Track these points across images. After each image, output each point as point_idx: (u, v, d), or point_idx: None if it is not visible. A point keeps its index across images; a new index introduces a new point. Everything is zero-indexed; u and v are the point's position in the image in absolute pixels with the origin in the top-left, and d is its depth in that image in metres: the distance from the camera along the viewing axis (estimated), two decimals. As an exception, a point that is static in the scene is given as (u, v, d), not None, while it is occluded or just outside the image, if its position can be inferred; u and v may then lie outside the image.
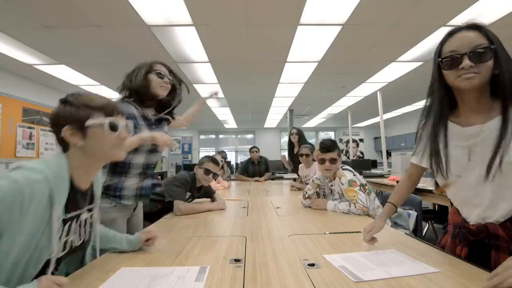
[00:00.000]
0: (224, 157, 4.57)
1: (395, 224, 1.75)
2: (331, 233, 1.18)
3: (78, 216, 0.82)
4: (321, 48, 3.99)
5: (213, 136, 12.02)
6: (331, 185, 1.87)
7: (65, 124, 0.75)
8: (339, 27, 3.37)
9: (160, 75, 1.43)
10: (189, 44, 3.79)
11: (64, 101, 0.78)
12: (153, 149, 1.47)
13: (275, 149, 11.27)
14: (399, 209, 1.78)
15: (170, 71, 1.51)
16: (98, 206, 0.91)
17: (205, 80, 5.49)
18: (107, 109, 0.80)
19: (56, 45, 3.62)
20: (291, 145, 3.78)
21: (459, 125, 0.86)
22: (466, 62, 0.76)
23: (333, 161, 1.80)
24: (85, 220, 0.85)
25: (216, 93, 1.95)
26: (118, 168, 1.38)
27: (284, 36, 3.61)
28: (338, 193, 1.81)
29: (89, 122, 0.76)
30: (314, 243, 1.04)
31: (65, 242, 0.77)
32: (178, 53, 4.12)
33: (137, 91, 1.39)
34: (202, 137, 11.83)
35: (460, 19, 3.19)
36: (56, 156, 0.76)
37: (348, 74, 5.10)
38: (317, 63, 4.59)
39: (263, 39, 3.68)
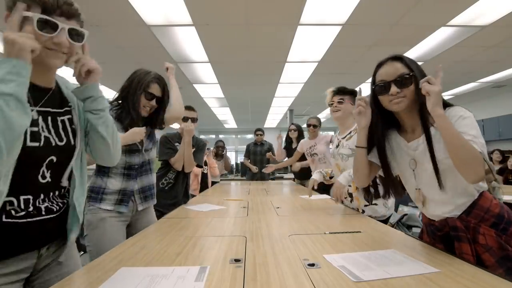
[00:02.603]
0: (221, 146, 4.57)
1: (408, 227, 1.74)
2: (331, 233, 1.18)
3: (47, 113, 0.78)
4: (321, 48, 3.99)
5: (213, 136, 12.03)
6: (343, 138, 1.81)
7: (7, 8, 0.68)
8: (339, 27, 3.37)
9: (148, 98, 1.46)
10: (189, 44, 3.79)
11: None
12: (134, 149, 1.47)
13: (275, 149, 11.27)
14: (408, 211, 1.77)
15: (164, 89, 1.51)
16: (77, 110, 0.87)
17: (205, 80, 5.49)
18: (45, 3, 0.68)
19: (56, 45, 3.62)
20: (288, 140, 3.77)
21: (405, 140, 1.03)
22: (393, 89, 0.95)
23: (341, 101, 1.80)
24: (63, 123, 0.82)
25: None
26: (101, 168, 1.40)
27: (284, 36, 3.61)
28: (351, 149, 1.71)
29: (17, 13, 0.65)
30: (314, 243, 1.04)
31: (38, 134, 0.74)
32: (178, 53, 4.12)
33: (127, 103, 1.44)
34: (202, 137, 11.82)
35: (460, 19, 3.19)
36: None
37: (348, 74, 5.10)
38: (317, 63, 4.59)
39: (263, 39, 3.68)
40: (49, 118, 0.79)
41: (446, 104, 0.92)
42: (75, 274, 0.77)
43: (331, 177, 1.95)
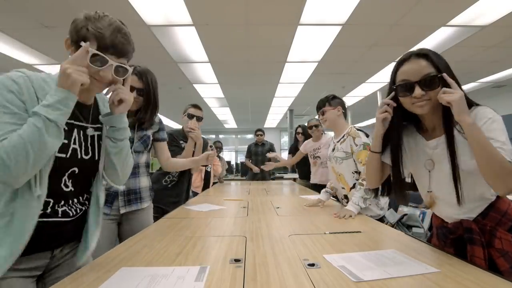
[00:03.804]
0: (219, 147, 4.58)
1: (408, 227, 1.74)
2: (331, 233, 1.18)
3: (80, 127, 0.85)
4: (321, 48, 3.99)
5: (213, 136, 12.03)
6: (337, 141, 1.84)
7: (70, 33, 0.79)
8: (339, 27, 3.37)
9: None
10: (189, 44, 3.79)
11: (87, 15, 0.80)
12: None
13: (275, 149, 11.28)
14: (408, 211, 1.77)
15: (147, 81, 1.44)
16: (105, 128, 0.92)
17: (205, 80, 5.49)
18: (101, 40, 0.77)
19: (56, 45, 3.62)
20: (295, 142, 3.76)
21: (424, 139, 0.96)
22: (418, 91, 0.83)
23: (322, 112, 1.91)
24: (93, 138, 0.88)
25: None
26: None
27: (284, 36, 3.61)
28: (344, 152, 1.75)
29: (82, 51, 0.73)
30: (314, 243, 1.04)
31: (67, 146, 0.80)
32: (178, 53, 4.12)
33: None
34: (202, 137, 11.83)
35: (460, 19, 3.20)
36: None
37: (348, 74, 5.10)
38: (317, 63, 4.59)
39: (263, 39, 3.68)
40: (82, 132, 0.86)
41: (471, 103, 0.84)
42: (75, 274, 0.77)
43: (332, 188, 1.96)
